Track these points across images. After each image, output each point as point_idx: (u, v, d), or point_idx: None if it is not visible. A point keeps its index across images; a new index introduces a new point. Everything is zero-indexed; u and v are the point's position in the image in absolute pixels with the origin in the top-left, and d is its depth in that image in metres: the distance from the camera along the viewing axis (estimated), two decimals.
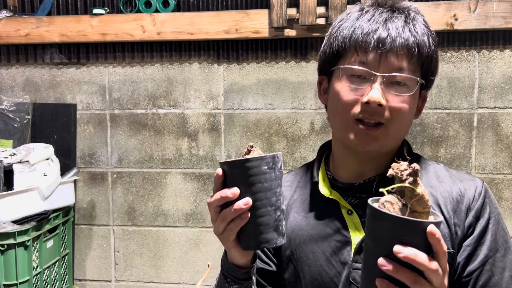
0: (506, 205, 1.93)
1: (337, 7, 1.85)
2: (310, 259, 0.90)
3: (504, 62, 1.90)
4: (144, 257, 2.14)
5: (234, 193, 0.72)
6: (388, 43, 0.81)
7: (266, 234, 0.73)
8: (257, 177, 0.71)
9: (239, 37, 1.96)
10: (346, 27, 0.86)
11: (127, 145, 2.12)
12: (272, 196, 0.73)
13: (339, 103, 0.85)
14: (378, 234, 0.62)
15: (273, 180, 0.73)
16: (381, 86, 0.81)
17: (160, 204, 2.11)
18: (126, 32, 2.01)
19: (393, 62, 0.82)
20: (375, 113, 0.82)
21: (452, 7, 1.85)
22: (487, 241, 0.84)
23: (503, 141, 1.92)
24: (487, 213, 0.86)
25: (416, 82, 0.83)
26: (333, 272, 0.88)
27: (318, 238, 0.90)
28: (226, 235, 0.75)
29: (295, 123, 2.02)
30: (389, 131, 0.84)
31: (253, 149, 0.75)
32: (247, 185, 0.72)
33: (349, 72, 0.85)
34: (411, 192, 0.62)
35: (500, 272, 0.84)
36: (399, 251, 0.59)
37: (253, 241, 0.74)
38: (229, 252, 0.81)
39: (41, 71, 2.14)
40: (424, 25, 0.86)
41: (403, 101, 0.83)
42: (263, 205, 0.72)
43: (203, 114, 2.07)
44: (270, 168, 0.72)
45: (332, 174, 0.96)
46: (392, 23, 0.83)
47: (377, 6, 0.86)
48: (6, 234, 1.68)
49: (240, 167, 0.72)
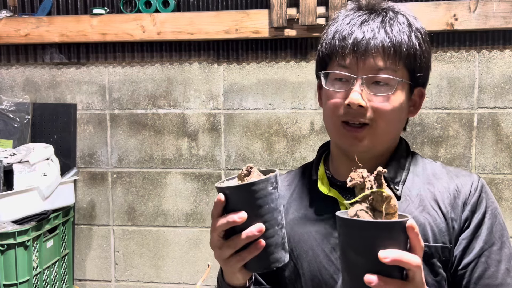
0: (506, 205, 1.93)
1: (337, 7, 1.85)
2: (310, 256, 0.91)
3: (504, 62, 1.90)
4: (144, 257, 2.14)
5: (242, 218, 0.69)
6: (363, 45, 0.83)
7: (275, 254, 0.72)
8: (264, 199, 0.70)
9: (239, 37, 1.96)
10: (330, 31, 0.89)
11: (127, 145, 2.12)
12: (278, 215, 0.72)
13: (327, 106, 0.89)
14: (361, 244, 0.61)
15: (278, 199, 0.72)
16: (361, 88, 0.83)
17: (160, 204, 2.11)
18: (126, 32, 2.01)
19: (370, 63, 0.84)
20: (357, 114, 0.84)
21: (452, 7, 1.85)
22: (482, 234, 0.85)
23: (503, 141, 1.92)
24: (483, 207, 0.87)
25: (396, 81, 0.84)
26: (333, 268, 0.89)
27: (317, 235, 0.91)
28: (234, 262, 0.73)
29: (295, 123, 2.02)
30: (375, 131, 0.86)
31: (252, 170, 0.73)
32: (254, 208, 0.70)
33: (332, 77, 0.88)
34: (381, 196, 0.62)
35: (495, 264, 0.84)
36: (385, 256, 0.59)
37: (262, 263, 0.72)
38: (231, 276, 0.79)
39: (41, 71, 2.14)
40: (405, 23, 0.86)
41: (385, 101, 0.84)
42: (271, 226, 0.71)
43: (203, 114, 2.07)
44: (274, 188, 0.71)
45: (331, 173, 0.97)
46: (367, 25, 0.85)
47: (357, 10, 0.89)
48: (6, 234, 1.68)
49: (247, 191, 0.70)
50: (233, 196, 0.71)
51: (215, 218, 0.73)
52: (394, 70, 0.84)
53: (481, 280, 0.84)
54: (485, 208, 0.87)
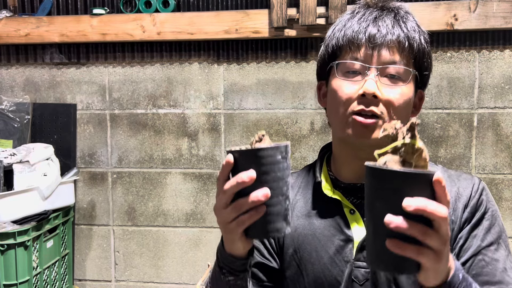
0: (506, 205, 1.93)
1: (337, 7, 1.85)
2: (313, 257, 0.91)
3: (504, 62, 1.90)
4: (144, 257, 2.14)
5: (250, 177, 0.68)
6: (379, 39, 0.85)
7: (276, 223, 0.72)
8: (272, 167, 0.70)
9: (239, 37, 1.96)
10: (339, 30, 0.90)
11: (127, 145, 2.12)
12: (284, 186, 0.72)
13: (337, 99, 0.88)
14: (387, 194, 0.59)
15: (285, 169, 0.72)
16: (376, 78, 0.84)
17: (160, 204, 2.11)
18: (126, 32, 2.01)
19: (385, 56, 0.85)
20: (371, 103, 0.84)
21: (452, 7, 1.85)
22: (480, 233, 0.86)
23: (503, 141, 1.92)
24: (483, 208, 0.88)
25: (410, 73, 0.86)
26: (336, 270, 0.89)
27: (321, 237, 0.91)
28: (235, 226, 0.72)
29: (295, 123, 2.02)
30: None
31: (264, 138, 0.74)
32: (260, 175, 0.70)
33: (344, 69, 0.88)
34: (412, 148, 0.60)
35: (493, 263, 0.85)
36: (409, 204, 0.57)
37: (262, 230, 0.72)
38: (231, 243, 0.78)
39: (41, 71, 2.14)
40: (414, 23, 0.89)
41: (397, 94, 0.85)
42: (275, 194, 0.71)
43: (203, 114, 2.07)
44: (283, 157, 0.71)
45: (334, 174, 0.97)
46: (382, 21, 0.86)
47: (367, 7, 0.90)
48: (6, 234, 1.68)
49: (255, 156, 0.70)
50: (241, 161, 0.71)
51: (221, 181, 0.72)
52: (406, 64, 0.86)
53: (479, 277, 0.84)
54: (485, 209, 0.88)
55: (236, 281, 0.82)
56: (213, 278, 0.86)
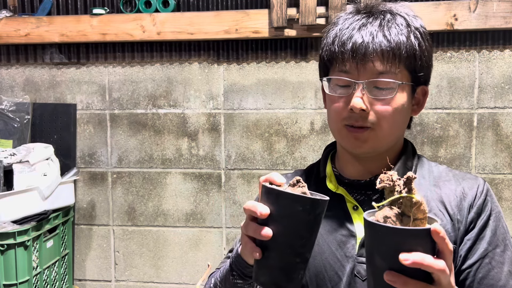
0: (506, 205, 1.93)
1: (337, 7, 1.85)
2: (315, 251, 0.91)
3: (504, 62, 1.90)
4: (144, 257, 2.14)
5: (262, 214, 0.71)
6: (362, 49, 0.84)
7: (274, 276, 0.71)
8: (287, 213, 0.69)
9: (239, 37, 1.96)
10: (330, 36, 0.90)
11: (127, 145, 2.12)
12: (296, 240, 0.70)
13: (330, 110, 0.91)
14: (386, 249, 0.61)
15: (304, 223, 0.69)
16: (363, 92, 0.85)
17: (160, 204, 2.11)
18: (126, 32, 2.01)
19: (370, 68, 0.85)
20: (360, 118, 0.86)
21: (452, 7, 1.85)
22: (486, 236, 0.87)
23: (503, 141, 1.92)
24: (489, 209, 0.89)
25: (397, 84, 0.85)
26: (338, 265, 0.90)
27: (324, 232, 0.92)
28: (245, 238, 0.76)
29: (295, 123, 2.02)
30: (377, 134, 0.87)
31: (298, 184, 0.72)
32: (276, 216, 0.70)
33: (334, 82, 0.90)
34: (409, 201, 0.61)
35: (499, 266, 0.86)
36: (406, 258, 0.59)
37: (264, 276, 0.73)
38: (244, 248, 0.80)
39: (41, 71, 2.14)
40: (404, 24, 0.86)
41: (386, 104, 0.85)
42: (282, 245, 0.70)
43: (203, 114, 2.07)
44: (304, 210, 0.69)
45: (338, 171, 0.98)
46: (366, 29, 0.85)
47: (356, 13, 0.89)
48: (6, 234, 1.68)
49: (274, 196, 0.70)
50: (264, 194, 0.72)
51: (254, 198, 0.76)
52: (394, 73, 0.85)
53: (485, 280, 0.85)
54: (490, 211, 0.89)
55: (243, 285, 0.84)
56: (222, 276, 0.88)
